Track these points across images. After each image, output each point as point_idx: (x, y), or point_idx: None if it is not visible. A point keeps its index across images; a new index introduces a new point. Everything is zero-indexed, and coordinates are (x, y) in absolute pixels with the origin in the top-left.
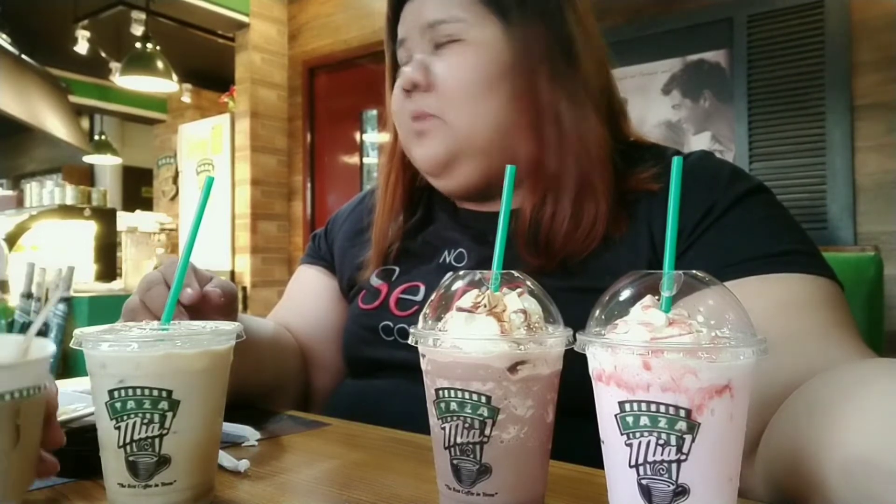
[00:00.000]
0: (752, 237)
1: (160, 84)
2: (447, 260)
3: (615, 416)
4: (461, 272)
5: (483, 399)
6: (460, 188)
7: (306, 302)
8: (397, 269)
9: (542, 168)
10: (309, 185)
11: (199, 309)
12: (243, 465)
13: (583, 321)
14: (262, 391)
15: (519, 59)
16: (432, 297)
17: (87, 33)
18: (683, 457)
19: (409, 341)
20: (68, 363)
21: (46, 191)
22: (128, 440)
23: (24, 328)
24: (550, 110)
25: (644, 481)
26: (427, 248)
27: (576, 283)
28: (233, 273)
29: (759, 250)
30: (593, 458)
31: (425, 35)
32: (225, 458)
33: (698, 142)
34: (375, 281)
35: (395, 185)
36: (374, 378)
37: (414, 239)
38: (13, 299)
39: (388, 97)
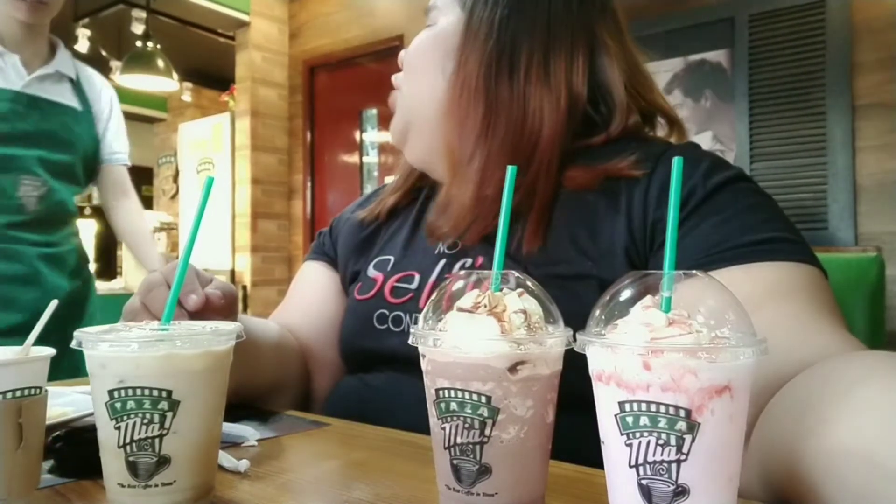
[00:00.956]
0: (732, 226)
1: (160, 83)
2: (441, 249)
3: (615, 416)
4: (461, 272)
5: (483, 399)
6: (415, 161)
7: (308, 296)
8: (392, 259)
9: (457, 154)
10: (309, 184)
11: (199, 312)
12: (243, 465)
13: (566, 308)
14: (261, 392)
15: (464, 44)
16: (433, 296)
17: (87, 32)
18: (683, 457)
19: (410, 341)
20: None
21: None
22: (128, 440)
23: None
24: (484, 102)
25: (644, 481)
26: (422, 237)
27: (556, 270)
28: (233, 272)
29: (741, 239)
30: (593, 457)
31: (426, 17)
32: (225, 458)
33: (700, 141)
34: (371, 272)
35: (406, 178)
36: (369, 373)
37: (410, 228)
38: None
39: None
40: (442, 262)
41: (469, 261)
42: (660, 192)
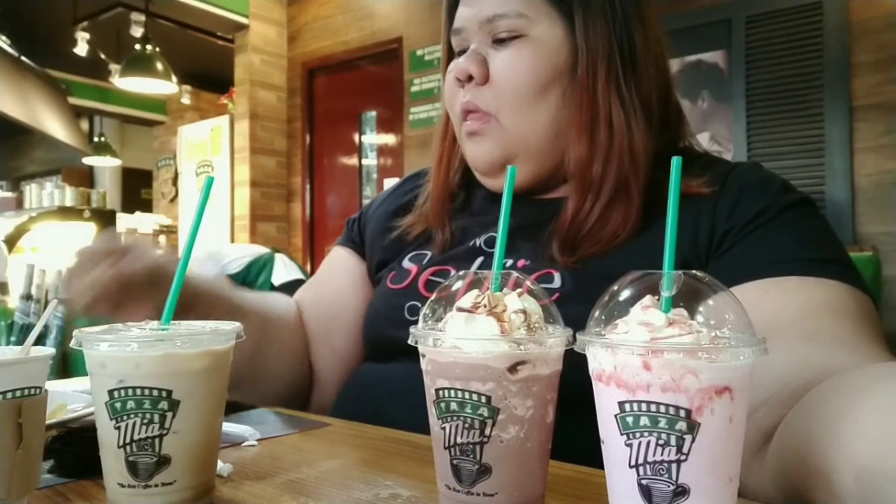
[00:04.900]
0: (799, 241)
1: (159, 86)
2: (478, 243)
3: (615, 416)
4: (461, 272)
5: (483, 399)
6: (520, 187)
7: (329, 277)
8: (429, 254)
9: (590, 171)
10: (308, 186)
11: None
12: (226, 469)
13: None
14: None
15: (579, 61)
16: (433, 296)
17: (86, 35)
18: (683, 457)
19: (409, 341)
20: (68, 364)
21: (46, 192)
22: (128, 440)
23: (23, 330)
24: (605, 114)
25: (644, 481)
26: (460, 231)
27: (611, 271)
28: None
29: (805, 254)
30: (593, 457)
31: (483, 28)
32: None
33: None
34: (407, 263)
35: (446, 165)
36: (389, 363)
37: (451, 221)
38: (13, 301)
39: (444, 81)
40: (480, 259)
41: (510, 261)
42: (732, 206)
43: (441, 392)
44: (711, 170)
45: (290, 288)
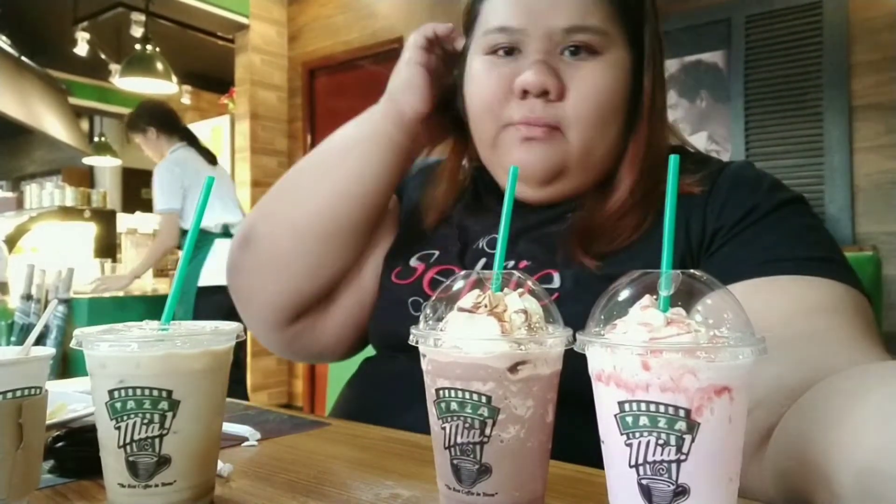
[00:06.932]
0: (791, 240)
1: (160, 86)
2: (481, 245)
3: (615, 416)
4: (462, 272)
5: (483, 399)
6: (545, 199)
7: None
8: (436, 253)
9: (635, 195)
10: None
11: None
12: (226, 469)
13: None
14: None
15: (644, 89)
16: (434, 295)
17: (86, 35)
18: (683, 457)
19: (410, 341)
20: (68, 364)
21: (46, 192)
22: (128, 440)
23: (23, 330)
24: (656, 143)
25: (644, 481)
26: (465, 232)
27: (612, 272)
28: None
29: (797, 253)
30: (593, 457)
31: (553, 37)
32: None
33: (695, 142)
34: (413, 262)
35: (457, 172)
36: (394, 360)
37: (457, 221)
38: (13, 301)
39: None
40: (483, 261)
41: (511, 262)
42: (721, 204)
43: (441, 392)
44: (703, 169)
45: None
